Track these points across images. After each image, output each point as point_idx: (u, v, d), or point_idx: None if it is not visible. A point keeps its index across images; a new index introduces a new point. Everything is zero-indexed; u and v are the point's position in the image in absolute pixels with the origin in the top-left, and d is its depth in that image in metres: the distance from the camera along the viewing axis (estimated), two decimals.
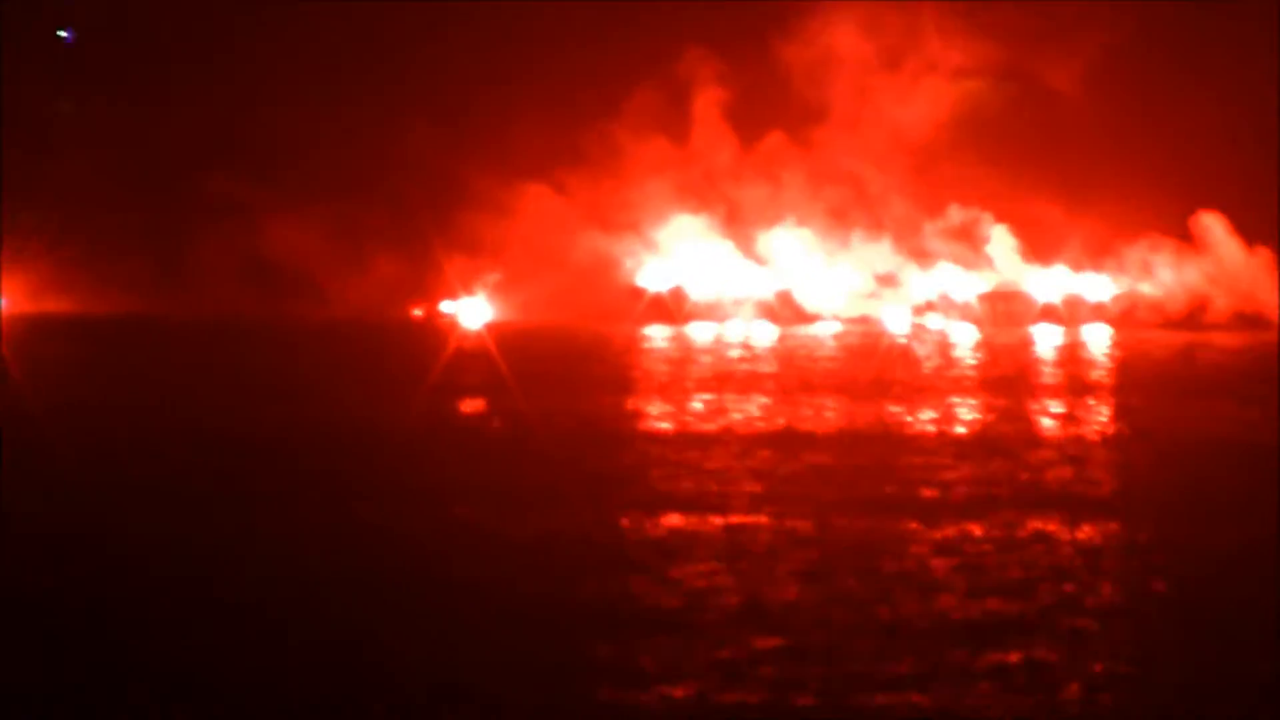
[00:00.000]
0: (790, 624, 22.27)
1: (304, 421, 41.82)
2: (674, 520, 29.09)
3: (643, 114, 79.86)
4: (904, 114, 79.76)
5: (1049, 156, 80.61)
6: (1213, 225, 78.59)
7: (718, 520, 29.10)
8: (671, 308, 77.88)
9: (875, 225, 78.66)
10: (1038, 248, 78.75)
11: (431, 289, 78.54)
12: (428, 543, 27.46)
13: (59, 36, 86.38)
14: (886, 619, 22.55)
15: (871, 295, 77.84)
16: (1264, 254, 78.30)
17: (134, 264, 79.91)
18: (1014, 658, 20.93)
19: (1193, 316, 77.86)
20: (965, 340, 69.63)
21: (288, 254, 79.26)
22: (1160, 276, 78.52)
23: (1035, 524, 28.78)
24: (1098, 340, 70.90)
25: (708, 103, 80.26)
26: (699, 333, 72.31)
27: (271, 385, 51.23)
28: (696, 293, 78.48)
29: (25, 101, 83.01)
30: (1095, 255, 78.90)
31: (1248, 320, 77.56)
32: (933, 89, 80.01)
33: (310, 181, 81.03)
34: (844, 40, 79.70)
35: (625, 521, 29.07)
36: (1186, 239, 78.67)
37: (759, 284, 78.48)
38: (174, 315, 75.21)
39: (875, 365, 57.73)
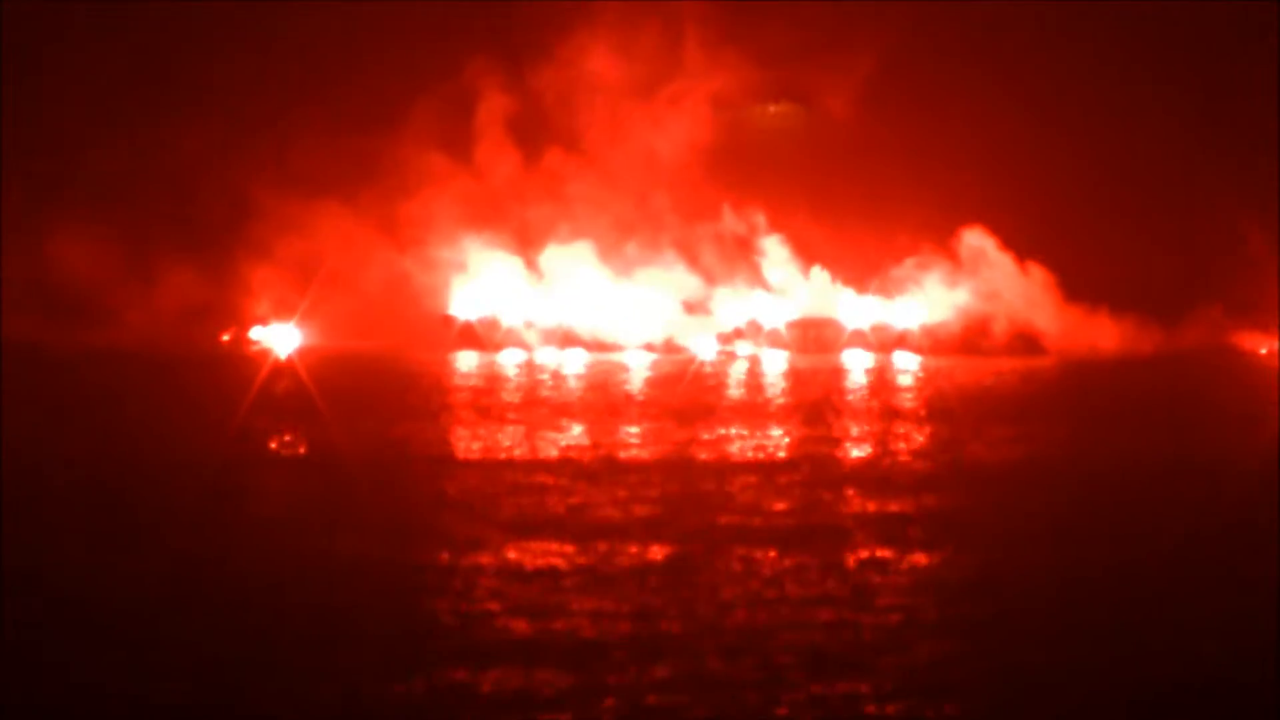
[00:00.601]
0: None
1: (117, 454, 41.21)
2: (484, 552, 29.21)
3: (427, 126, 79.37)
4: (668, 137, 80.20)
5: (819, 175, 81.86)
6: (981, 241, 79.96)
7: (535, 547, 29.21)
8: (483, 335, 77.70)
9: (657, 245, 79.02)
10: (808, 262, 79.67)
11: (235, 313, 77.64)
12: (248, 573, 27.32)
13: None
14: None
15: (681, 322, 78.15)
16: (1037, 271, 79.86)
17: None
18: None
19: (971, 341, 79.30)
20: (775, 367, 70.09)
21: (72, 276, 77.86)
22: (935, 297, 79.63)
23: (861, 553, 29.20)
24: (906, 366, 71.54)
25: (492, 115, 79.86)
26: (511, 359, 72.44)
27: (82, 417, 50.24)
28: (508, 319, 78.39)
29: None
30: (864, 274, 79.89)
31: (1027, 343, 79.47)
32: (696, 111, 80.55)
33: (93, 198, 79.88)
34: (602, 64, 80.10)
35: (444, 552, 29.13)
36: (954, 255, 79.91)
37: (567, 311, 78.40)
38: None
39: (684, 392, 57.84)
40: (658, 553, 29.12)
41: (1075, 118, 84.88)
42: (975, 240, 79.80)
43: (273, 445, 43.72)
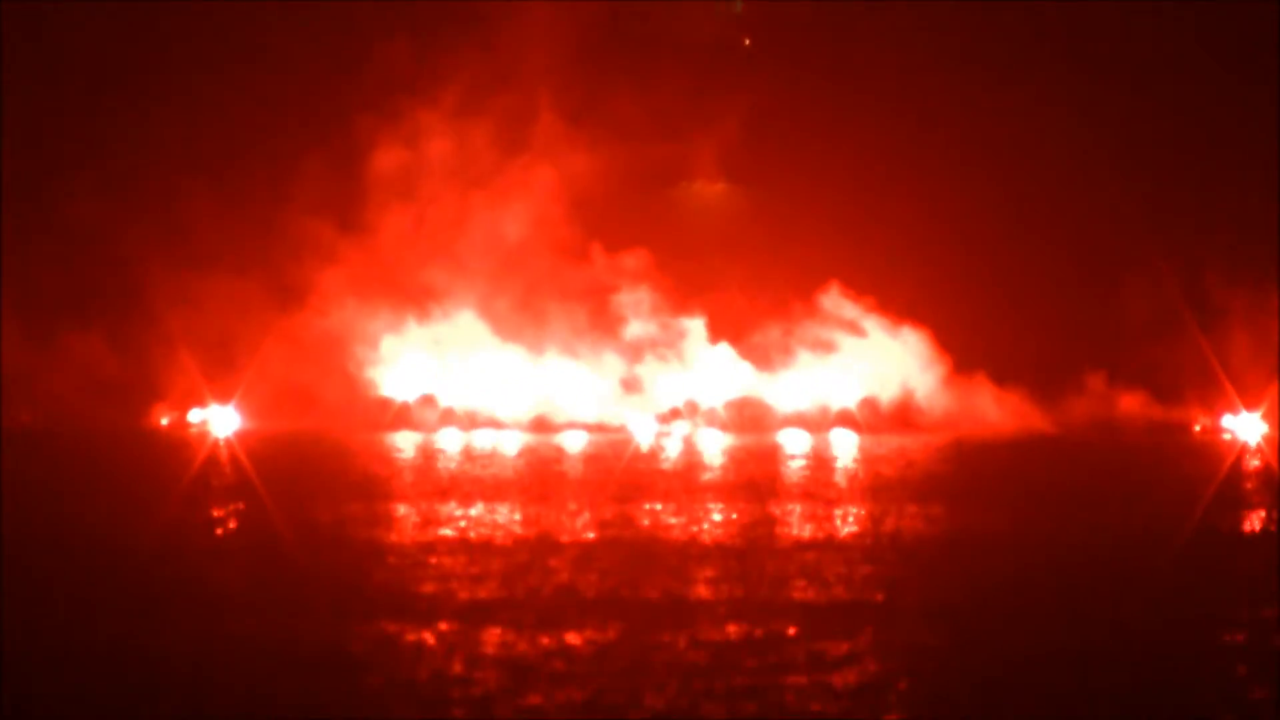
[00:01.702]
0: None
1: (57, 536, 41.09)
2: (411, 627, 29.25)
3: (317, 190, 79.26)
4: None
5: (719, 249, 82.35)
6: (844, 304, 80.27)
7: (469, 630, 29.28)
8: (418, 416, 77.71)
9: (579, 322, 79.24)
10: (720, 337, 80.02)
11: (160, 393, 77.35)
12: (183, 656, 27.29)
13: None
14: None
15: (617, 401, 78.30)
16: (912, 336, 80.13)
17: None
18: None
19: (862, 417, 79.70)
20: (712, 446, 70.26)
21: None
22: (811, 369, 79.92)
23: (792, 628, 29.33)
24: (844, 445, 71.84)
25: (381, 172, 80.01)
26: (448, 440, 72.44)
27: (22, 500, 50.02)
28: (444, 400, 78.36)
29: None
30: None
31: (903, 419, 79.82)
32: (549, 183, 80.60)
33: None
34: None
35: (384, 629, 29.15)
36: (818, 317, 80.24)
37: (509, 391, 78.50)
38: None
39: (621, 472, 58.07)
40: (594, 635, 29.12)
41: (945, 167, 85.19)
42: (836, 302, 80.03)
43: (213, 528, 43.65)
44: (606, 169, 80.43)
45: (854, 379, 79.67)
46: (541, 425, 77.45)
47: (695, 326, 79.56)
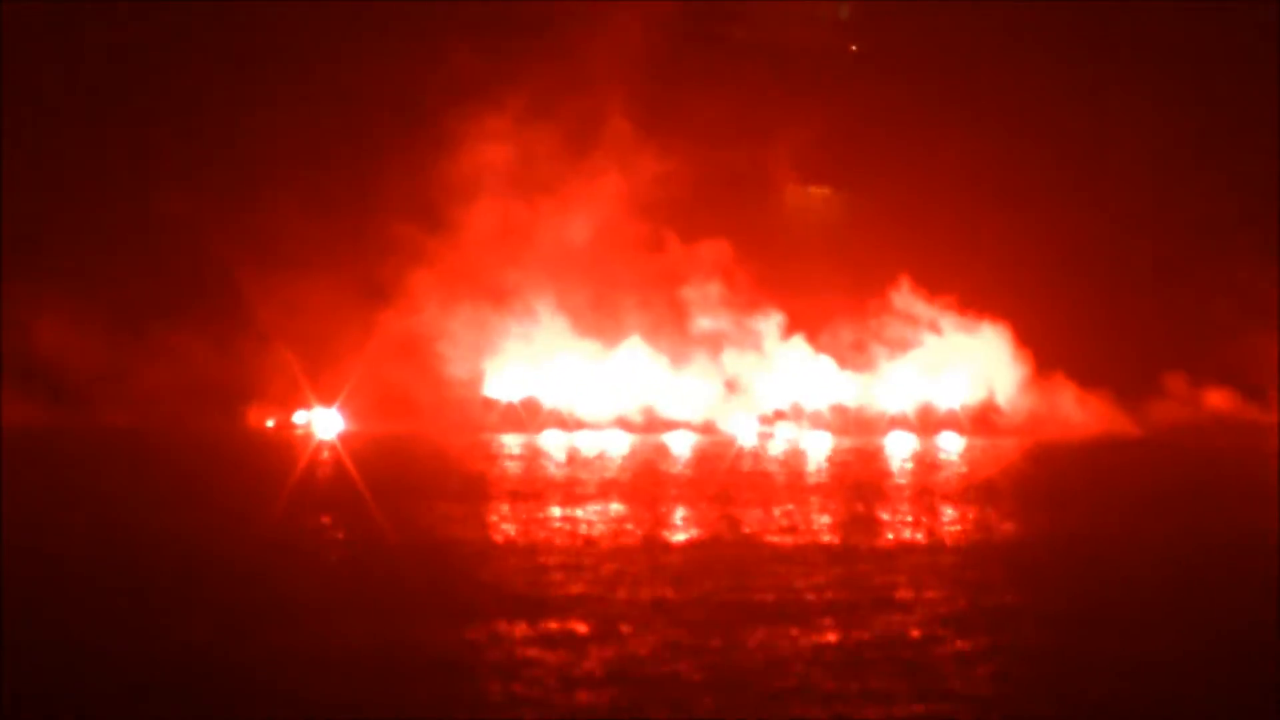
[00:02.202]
0: None
1: (158, 536, 41.39)
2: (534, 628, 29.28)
3: (401, 189, 79.53)
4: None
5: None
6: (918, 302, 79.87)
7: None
8: (524, 417, 77.87)
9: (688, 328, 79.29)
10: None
11: (259, 394, 78.12)
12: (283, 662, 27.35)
13: None
14: None
15: (722, 403, 78.38)
16: (994, 335, 79.54)
17: None
18: None
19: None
20: (818, 449, 70.24)
21: (64, 356, 77.87)
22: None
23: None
24: (950, 449, 71.66)
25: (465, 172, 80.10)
26: (552, 442, 72.61)
27: (125, 499, 50.43)
28: (549, 401, 78.51)
29: None
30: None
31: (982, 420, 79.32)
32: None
33: (70, 274, 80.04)
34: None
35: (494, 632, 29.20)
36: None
37: (612, 392, 78.63)
38: None
39: (726, 475, 58.32)
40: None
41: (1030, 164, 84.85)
42: (910, 300, 79.74)
43: (316, 530, 43.88)
44: (692, 171, 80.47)
45: (955, 380, 79.26)
46: (645, 426, 77.48)
47: (771, 325, 79.34)
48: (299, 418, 76.79)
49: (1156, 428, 79.38)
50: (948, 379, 79.36)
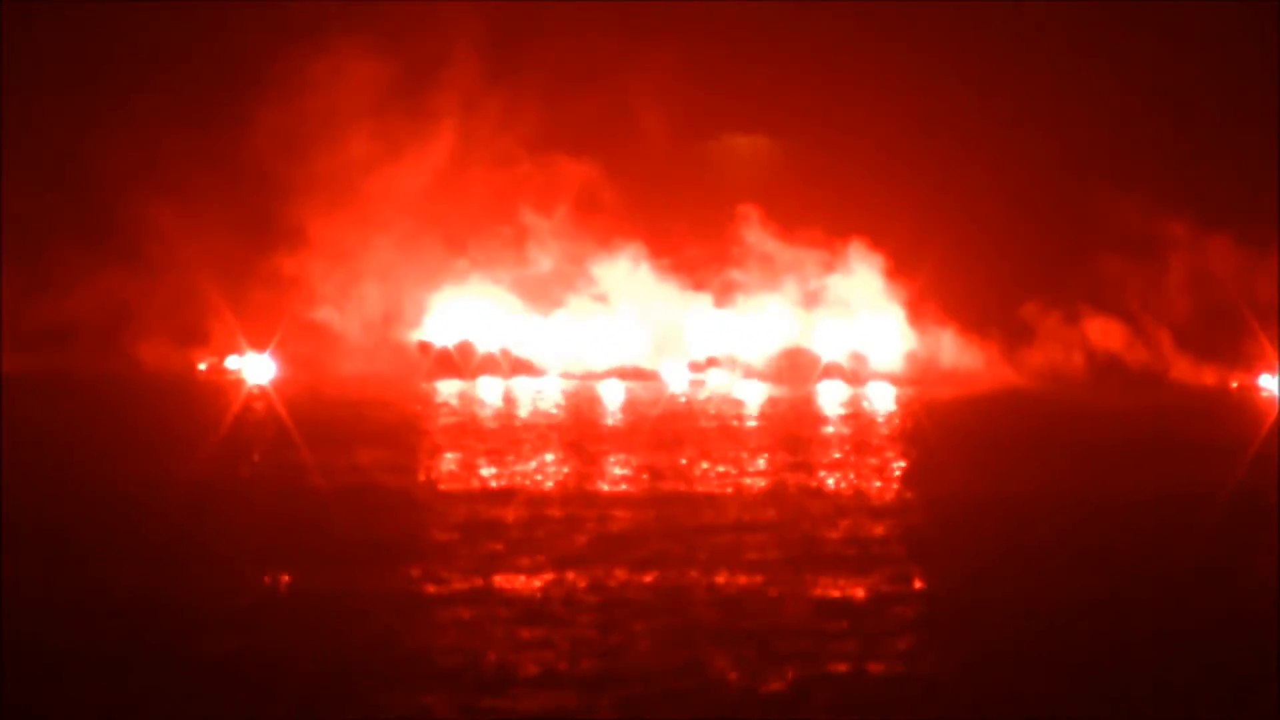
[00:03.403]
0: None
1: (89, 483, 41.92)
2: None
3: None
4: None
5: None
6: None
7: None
8: (459, 362, 78.38)
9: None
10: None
11: (211, 341, 78.27)
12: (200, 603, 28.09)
13: None
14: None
15: (653, 348, 78.99)
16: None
17: None
18: None
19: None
20: (751, 397, 70.92)
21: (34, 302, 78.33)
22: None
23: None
24: (883, 398, 72.29)
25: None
26: (488, 388, 73.37)
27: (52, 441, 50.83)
28: (483, 345, 78.98)
29: None
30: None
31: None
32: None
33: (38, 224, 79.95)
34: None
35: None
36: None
37: (546, 338, 79.19)
38: None
39: (658, 423, 59.07)
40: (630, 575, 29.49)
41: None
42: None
43: (243, 472, 44.37)
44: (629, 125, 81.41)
45: (874, 330, 79.92)
46: (580, 373, 78.14)
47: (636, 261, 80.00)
48: (231, 362, 77.34)
49: (1042, 374, 79.87)
50: (871, 328, 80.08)
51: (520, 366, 78.73)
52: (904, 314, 79.35)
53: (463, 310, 79.27)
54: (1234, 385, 77.58)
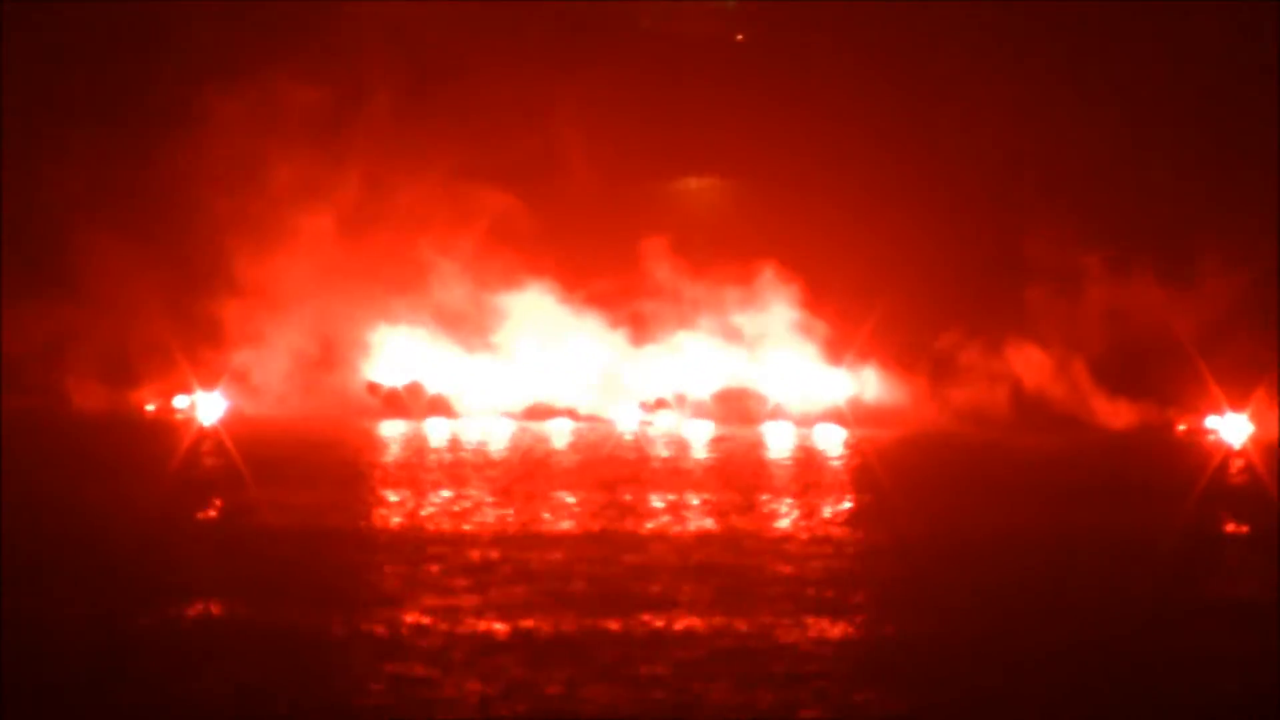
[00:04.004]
0: None
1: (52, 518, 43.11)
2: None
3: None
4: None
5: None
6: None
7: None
8: (408, 402, 79.14)
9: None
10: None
11: (154, 380, 79.07)
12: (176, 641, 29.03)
13: None
14: None
15: (603, 388, 79.83)
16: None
17: None
18: None
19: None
20: (698, 437, 71.91)
21: None
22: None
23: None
24: (830, 440, 73.05)
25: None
26: (435, 428, 74.30)
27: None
28: (431, 386, 79.74)
29: None
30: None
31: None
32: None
33: None
34: None
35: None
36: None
37: (492, 379, 79.94)
38: None
39: (606, 464, 60.06)
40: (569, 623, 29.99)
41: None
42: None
43: (197, 513, 45.02)
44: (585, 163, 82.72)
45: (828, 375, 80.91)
46: (532, 414, 78.86)
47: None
48: (180, 401, 77.99)
49: (968, 414, 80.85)
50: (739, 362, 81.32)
51: (463, 407, 79.73)
52: (823, 350, 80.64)
53: (404, 350, 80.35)
54: (1181, 428, 78.74)
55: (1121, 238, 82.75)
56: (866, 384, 79.93)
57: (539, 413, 78.61)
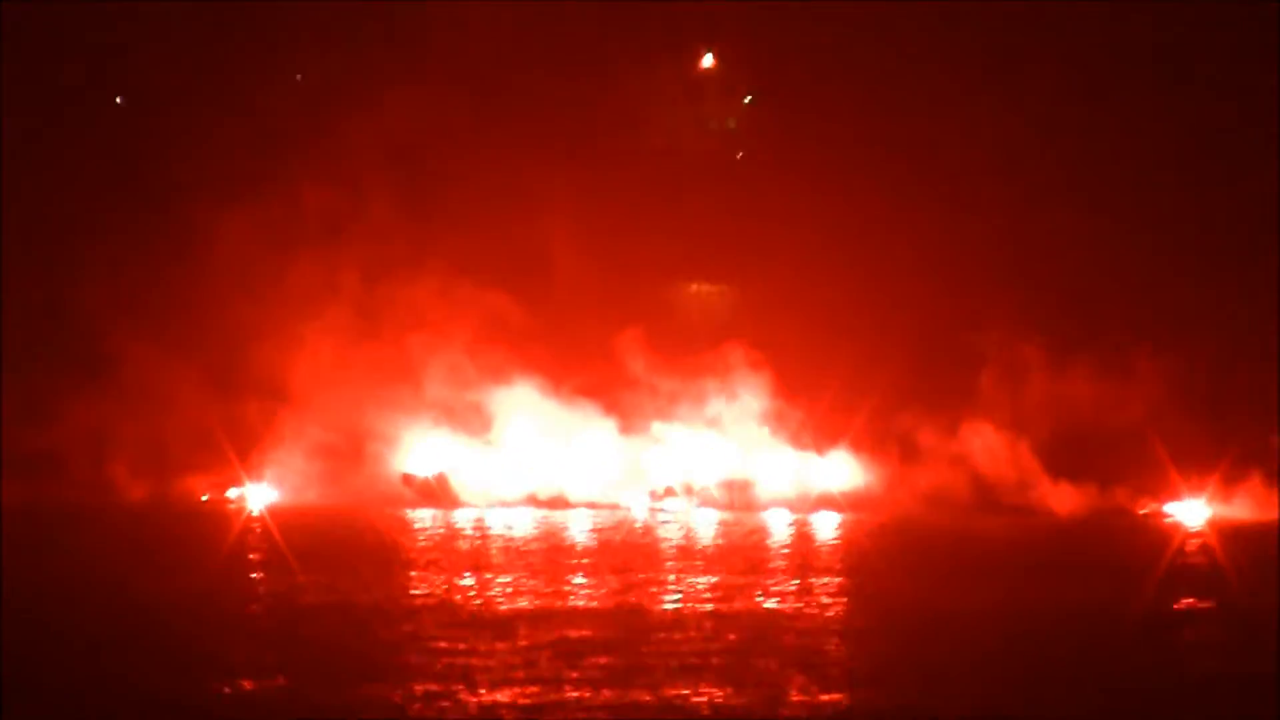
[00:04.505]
0: None
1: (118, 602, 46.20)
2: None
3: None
4: None
5: None
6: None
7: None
8: (438, 493, 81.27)
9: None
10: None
11: (206, 472, 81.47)
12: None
13: None
14: None
15: (616, 478, 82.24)
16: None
17: None
18: None
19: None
20: (705, 523, 75.22)
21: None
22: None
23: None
24: (826, 525, 75.88)
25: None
26: (464, 517, 76.66)
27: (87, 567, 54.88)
28: (459, 476, 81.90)
29: None
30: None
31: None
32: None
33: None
34: None
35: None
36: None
37: (515, 470, 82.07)
38: None
39: (622, 549, 63.19)
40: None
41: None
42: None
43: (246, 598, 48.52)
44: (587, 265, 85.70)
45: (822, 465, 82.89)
46: (552, 503, 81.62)
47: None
48: (232, 492, 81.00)
49: (931, 498, 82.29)
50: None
51: (488, 496, 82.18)
52: (794, 436, 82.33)
53: (433, 444, 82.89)
54: (1143, 512, 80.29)
55: (1065, 329, 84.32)
56: (840, 469, 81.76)
57: (559, 502, 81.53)
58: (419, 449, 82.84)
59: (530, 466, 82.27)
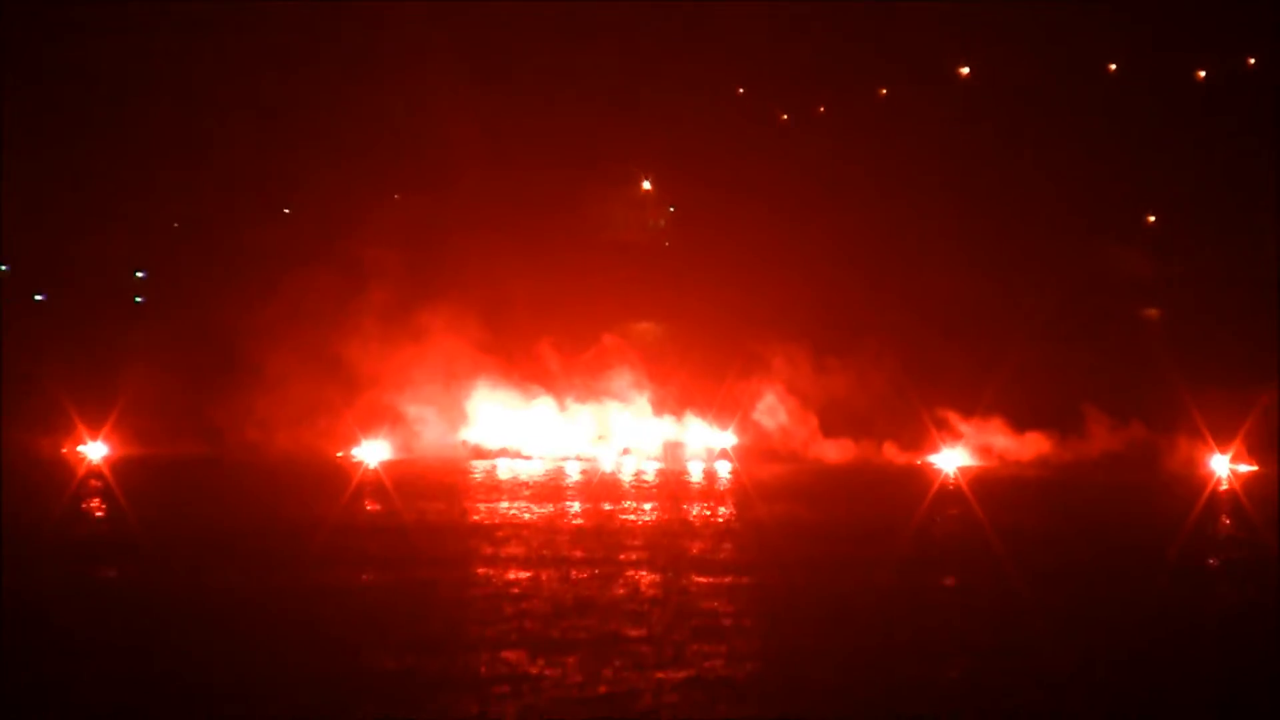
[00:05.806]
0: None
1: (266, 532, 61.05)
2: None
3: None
4: None
5: None
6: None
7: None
8: (481, 451, 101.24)
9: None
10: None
11: (336, 434, 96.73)
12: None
13: None
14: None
15: (594, 440, 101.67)
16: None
17: None
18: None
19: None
20: (650, 470, 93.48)
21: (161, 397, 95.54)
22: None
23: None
24: (724, 471, 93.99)
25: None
26: (503, 466, 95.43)
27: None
28: (494, 442, 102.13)
29: None
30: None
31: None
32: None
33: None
34: None
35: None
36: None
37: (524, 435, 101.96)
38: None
39: (598, 486, 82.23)
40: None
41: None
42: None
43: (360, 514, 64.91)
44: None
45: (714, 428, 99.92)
46: (550, 456, 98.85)
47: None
48: (358, 450, 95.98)
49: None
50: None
51: (515, 453, 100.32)
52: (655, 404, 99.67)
53: (487, 415, 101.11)
54: (918, 462, 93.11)
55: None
56: (721, 434, 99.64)
57: (557, 456, 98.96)
58: (474, 422, 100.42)
59: (537, 430, 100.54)
